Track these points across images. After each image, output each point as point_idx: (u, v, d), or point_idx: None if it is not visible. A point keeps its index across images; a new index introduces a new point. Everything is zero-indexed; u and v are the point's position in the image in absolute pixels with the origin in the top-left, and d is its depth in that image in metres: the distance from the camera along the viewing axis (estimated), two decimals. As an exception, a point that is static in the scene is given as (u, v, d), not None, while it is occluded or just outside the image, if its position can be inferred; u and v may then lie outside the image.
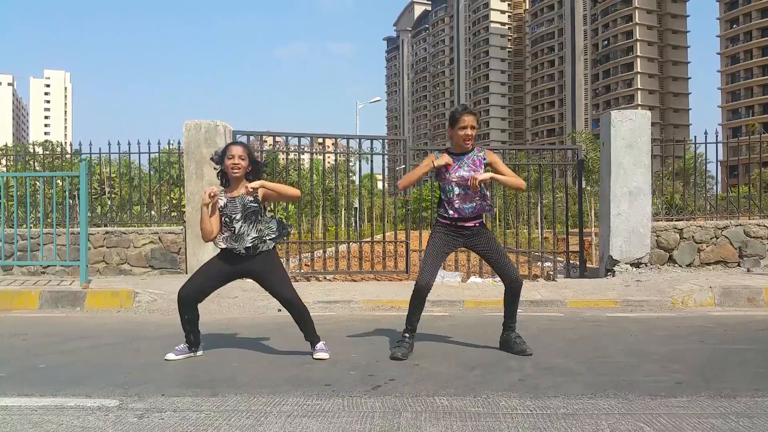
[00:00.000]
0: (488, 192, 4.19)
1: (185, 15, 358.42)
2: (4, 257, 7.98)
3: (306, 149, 8.84)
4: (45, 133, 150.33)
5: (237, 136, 8.45)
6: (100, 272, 8.41)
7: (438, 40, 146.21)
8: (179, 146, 8.67)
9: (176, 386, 3.33)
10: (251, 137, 8.94)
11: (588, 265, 9.01)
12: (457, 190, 4.04)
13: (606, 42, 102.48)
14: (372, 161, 9.77)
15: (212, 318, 5.56)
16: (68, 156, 9.48)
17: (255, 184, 3.93)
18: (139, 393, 3.19)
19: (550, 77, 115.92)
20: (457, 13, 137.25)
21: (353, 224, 16.44)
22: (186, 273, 8.27)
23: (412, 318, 4.14)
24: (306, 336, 4.13)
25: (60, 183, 9.65)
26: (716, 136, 8.68)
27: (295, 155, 9.09)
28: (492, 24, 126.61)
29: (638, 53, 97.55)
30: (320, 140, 9.63)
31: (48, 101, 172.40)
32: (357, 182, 14.04)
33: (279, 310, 6.07)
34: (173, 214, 9.13)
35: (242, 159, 3.96)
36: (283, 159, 9.25)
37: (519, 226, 9.49)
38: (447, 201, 4.08)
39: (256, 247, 3.96)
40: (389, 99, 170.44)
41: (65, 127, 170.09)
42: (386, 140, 9.01)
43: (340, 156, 9.08)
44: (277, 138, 8.41)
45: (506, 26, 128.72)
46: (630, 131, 8.00)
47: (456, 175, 4.04)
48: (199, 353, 4.15)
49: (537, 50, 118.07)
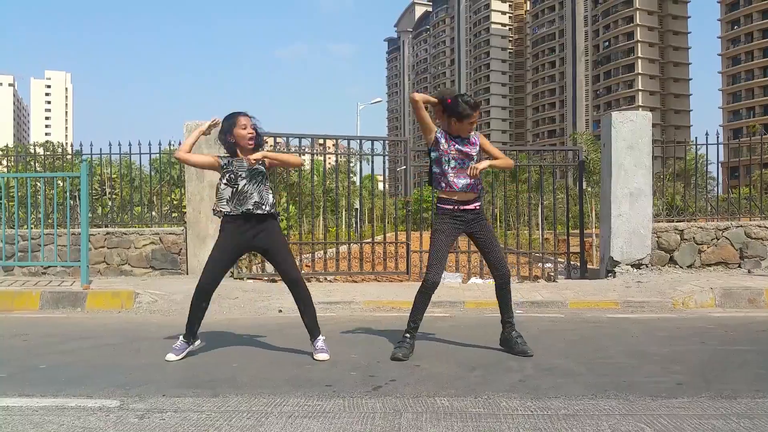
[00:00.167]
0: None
1: (185, 15, 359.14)
2: (5, 258, 7.99)
3: (306, 150, 8.84)
4: (46, 134, 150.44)
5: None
6: (101, 273, 8.42)
7: (439, 41, 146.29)
8: (180, 147, 8.67)
9: (177, 387, 3.33)
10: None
11: (589, 266, 9.00)
12: (453, 164, 4.09)
13: (607, 43, 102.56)
14: (373, 162, 9.76)
15: (213, 318, 5.56)
16: (69, 157, 9.48)
17: (257, 156, 3.93)
18: (140, 393, 3.19)
19: (551, 78, 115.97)
20: (458, 14, 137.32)
21: (354, 225, 16.46)
22: (187, 274, 8.29)
23: (416, 316, 4.15)
24: (306, 324, 4.10)
25: (61, 184, 9.66)
26: (717, 138, 8.69)
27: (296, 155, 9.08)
28: (493, 25, 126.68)
29: (639, 54, 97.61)
30: (321, 141, 9.62)
31: (49, 102, 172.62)
32: (358, 183, 14.04)
33: (279, 311, 6.08)
34: (174, 215, 9.13)
35: (253, 128, 4.00)
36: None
37: (520, 227, 9.48)
38: (441, 174, 4.12)
39: (258, 207, 3.94)
40: (390, 100, 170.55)
41: (66, 128, 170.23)
42: (387, 141, 9.01)
43: (341, 157, 9.08)
44: (278, 139, 8.41)
45: (507, 27, 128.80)
46: (631, 132, 8.00)
47: (455, 148, 4.09)
48: (197, 343, 4.14)
49: (538, 51, 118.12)
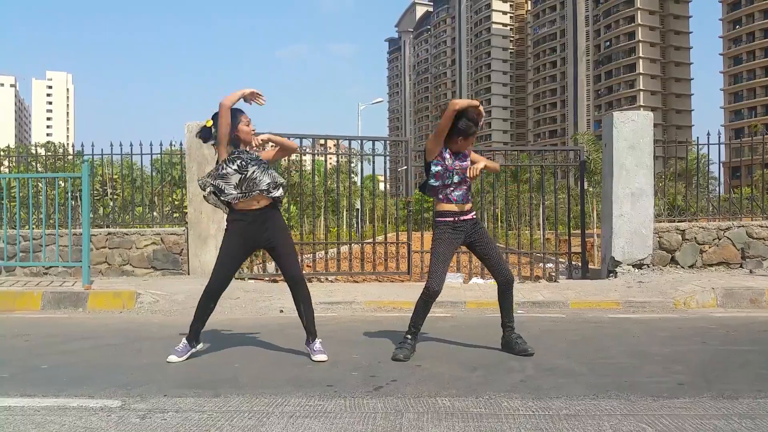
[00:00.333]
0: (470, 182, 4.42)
1: (186, 15, 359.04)
2: (7, 258, 8.01)
3: (308, 150, 8.84)
4: (47, 135, 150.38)
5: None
6: (103, 273, 8.43)
7: (440, 41, 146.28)
8: (181, 147, 8.69)
9: (178, 387, 3.33)
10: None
11: (590, 267, 9.00)
12: (456, 179, 4.16)
13: (608, 43, 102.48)
14: (374, 162, 9.78)
15: (214, 318, 5.53)
16: (70, 157, 9.49)
17: (264, 137, 4.07)
18: (142, 393, 3.19)
19: (552, 78, 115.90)
20: (459, 14, 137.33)
21: (355, 225, 16.45)
22: (188, 274, 8.29)
23: (417, 321, 4.16)
24: (305, 326, 4.09)
25: (62, 184, 9.67)
26: (719, 137, 8.68)
27: (297, 156, 9.09)
28: (494, 25, 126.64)
29: (640, 54, 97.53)
30: (322, 141, 9.63)
31: (50, 102, 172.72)
32: (359, 183, 14.05)
33: (281, 311, 6.09)
34: (175, 215, 9.14)
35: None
36: (285, 160, 9.26)
37: (521, 227, 9.48)
38: (442, 186, 4.17)
39: (273, 188, 3.98)
40: (391, 100, 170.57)
41: (67, 129, 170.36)
42: (388, 141, 9.01)
43: (342, 157, 9.09)
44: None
45: (508, 27, 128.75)
46: (632, 132, 7.99)
47: (458, 165, 4.16)
48: (200, 346, 4.14)
49: (539, 51, 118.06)
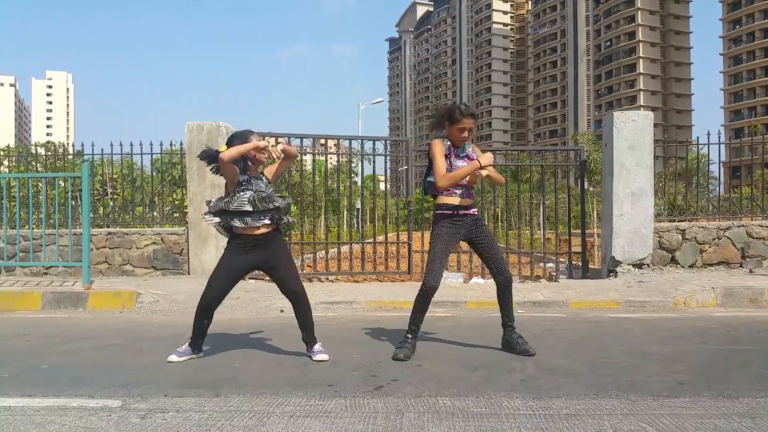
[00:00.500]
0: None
1: (186, 16, 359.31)
2: (7, 258, 8.01)
3: (308, 150, 8.84)
4: (47, 134, 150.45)
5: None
6: (103, 273, 8.43)
7: (440, 41, 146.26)
8: (181, 147, 8.69)
9: (179, 387, 3.33)
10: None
11: (590, 266, 9.00)
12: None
13: (608, 43, 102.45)
14: (374, 162, 9.77)
15: (214, 318, 5.54)
16: (70, 157, 9.49)
17: (280, 148, 4.12)
18: (142, 393, 3.19)
19: (553, 78, 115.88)
20: (460, 14, 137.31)
21: (355, 225, 16.44)
22: (188, 274, 8.30)
23: (416, 319, 4.15)
24: (304, 335, 4.11)
25: (62, 184, 9.67)
26: (719, 137, 8.67)
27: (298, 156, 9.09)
28: (494, 25, 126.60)
29: (641, 54, 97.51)
30: (322, 141, 9.63)
31: (50, 102, 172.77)
32: (359, 183, 14.05)
33: (281, 311, 6.08)
34: (175, 215, 9.14)
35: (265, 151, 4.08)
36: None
37: (521, 227, 9.47)
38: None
39: (280, 219, 4.02)
40: (391, 100, 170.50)
41: (67, 128, 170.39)
42: (388, 141, 9.01)
43: (342, 157, 9.09)
44: (279, 139, 8.41)
45: (508, 27, 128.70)
46: (633, 132, 7.99)
47: (458, 165, 4.14)
48: (201, 354, 4.15)
49: (539, 51, 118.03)
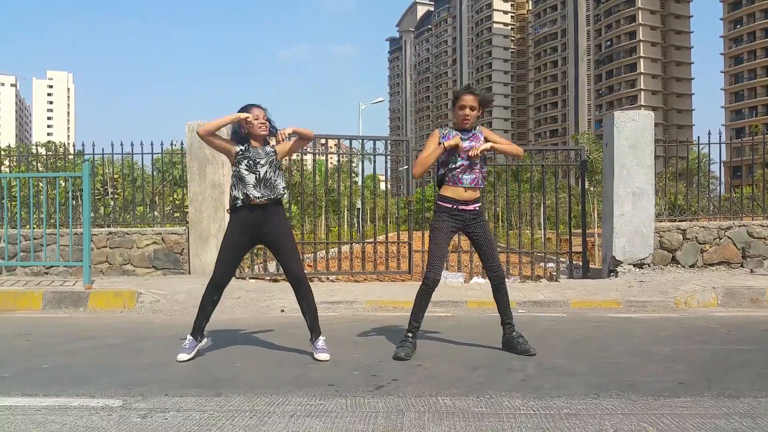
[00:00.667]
0: (485, 167, 4.27)
1: (187, 17, 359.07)
2: (8, 258, 8.01)
3: (308, 150, 8.84)
4: (48, 134, 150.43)
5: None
6: (103, 273, 8.43)
7: (441, 41, 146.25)
8: (182, 147, 8.69)
9: (179, 386, 3.33)
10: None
11: (591, 266, 9.00)
12: (460, 162, 4.09)
13: (609, 43, 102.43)
14: (375, 162, 9.77)
15: (215, 318, 5.53)
16: (71, 157, 9.49)
17: (288, 130, 4.06)
18: (143, 393, 3.19)
19: (553, 78, 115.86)
20: (460, 14, 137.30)
21: (356, 225, 16.45)
22: (189, 274, 8.30)
23: (417, 316, 4.15)
24: (308, 322, 4.10)
25: (63, 184, 9.67)
26: (719, 137, 8.66)
27: (298, 156, 9.09)
28: (495, 24, 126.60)
29: (641, 54, 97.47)
30: (323, 141, 9.63)
31: (51, 102, 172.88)
32: (360, 183, 14.04)
33: (282, 311, 6.09)
34: (176, 215, 9.14)
35: (264, 119, 4.09)
36: (286, 159, 9.26)
37: (522, 227, 9.47)
38: (448, 171, 4.11)
39: (284, 190, 4.08)
40: (392, 100, 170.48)
41: (68, 128, 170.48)
42: (389, 141, 9.01)
43: (343, 156, 9.09)
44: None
45: (509, 27, 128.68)
46: (633, 132, 7.99)
47: (465, 146, 4.09)
48: (205, 341, 4.15)
49: (540, 51, 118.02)
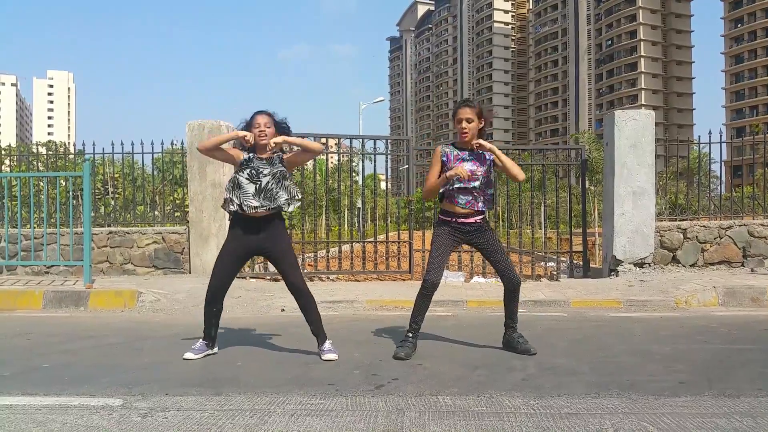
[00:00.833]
0: (491, 190, 4.18)
1: (188, 17, 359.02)
2: (8, 257, 8.01)
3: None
4: (48, 134, 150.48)
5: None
6: (104, 272, 8.44)
7: (441, 40, 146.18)
8: (182, 146, 8.69)
9: (180, 385, 3.33)
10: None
11: (591, 265, 8.99)
12: (459, 185, 4.05)
13: (610, 42, 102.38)
14: (375, 161, 9.77)
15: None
16: (71, 156, 9.50)
17: (278, 139, 3.97)
18: (143, 392, 3.19)
19: (554, 77, 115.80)
20: (461, 13, 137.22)
21: (356, 224, 16.44)
22: (189, 273, 8.30)
23: (417, 317, 4.15)
24: (312, 328, 4.10)
25: (63, 183, 9.68)
26: (720, 136, 8.65)
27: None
28: (495, 24, 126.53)
29: (642, 53, 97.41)
30: (323, 140, 9.62)
31: (51, 102, 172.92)
32: (360, 182, 14.04)
33: (282, 310, 6.09)
34: (176, 214, 9.14)
35: (267, 127, 4.02)
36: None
37: (522, 226, 9.47)
38: (447, 189, 4.10)
39: (289, 204, 4.00)
40: (392, 99, 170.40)
41: (69, 128, 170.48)
42: (389, 140, 9.00)
43: (343, 156, 9.08)
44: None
45: (510, 26, 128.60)
46: (634, 131, 7.98)
47: (460, 168, 4.04)
48: (216, 350, 4.15)
49: (540, 50, 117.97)
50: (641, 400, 3.00)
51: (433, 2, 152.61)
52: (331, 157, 9.51)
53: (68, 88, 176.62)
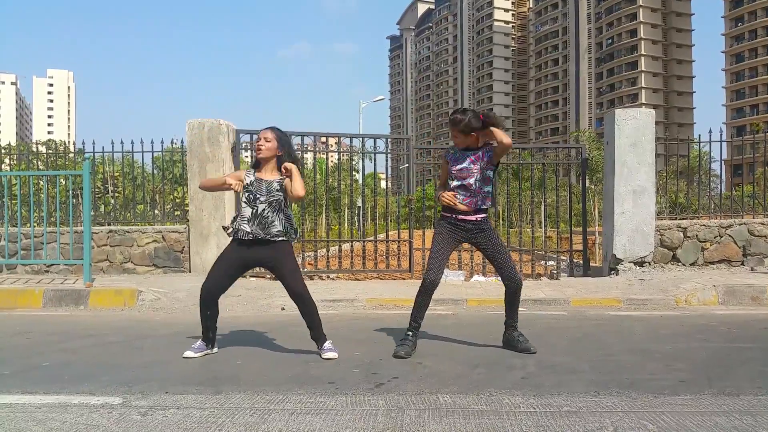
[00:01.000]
0: (488, 187, 4.18)
1: (188, 15, 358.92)
2: (8, 256, 8.01)
3: (309, 148, 8.84)
4: (48, 132, 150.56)
5: (240, 135, 8.47)
6: (104, 271, 8.44)
7: (441, 39, 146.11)
8: (182, 145, 8.69)
9: (180, 384, 3.33)
10: (254, 136, 8.94)
11: (591, 264, 9.00)
12: (456, 183, 4.11)
13: (610, 40, 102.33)
14: (375, 160, 9.77)
15: (215, 316, 5.56)
16: (71, 155, 9.49)
17: (289, 165, 3.94)
18: (143, 391, 3.19)
19: (554, 76, 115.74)
20: (461, 12, 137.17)
21: (356, 223, 16.45)
22: (189, 272, 8.30)
23: (417, 315, 4.15)
24: (312, 333, 4.10)
25: (63, 182, 9.67)
26: (720, 135, 8.65)
27: (299, 154, 9.10)
28: (496, 22, 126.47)
29: (642, 52, 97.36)
30: (323, 139, 9.64)
31: (51, 100, 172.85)
32: (360, 181, 14.04)
33: (282, 309, 6.09)
34: (176, 213, 9.14)
35: (267, 140, 4.00)
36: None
37: (523, 225, 9.47)
38: (447, 189, 4.17)
39: (279, 235, 3.96)
40: (392, 98, 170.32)
41: (68, 126, 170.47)
42: (389, 139, 9.00)
43: (343, 155, 9.09)
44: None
45: (510, 25, 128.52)
46: (634, 130, 7.98)
47: (455, 169, 4.13)
48: (215, 351, 4.15)
49: (541, 49, 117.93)
50: (641, 399, 3.00)
51: (434, 1, 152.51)
52: (332, 156, 9.51)
53: (68, 87, 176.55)
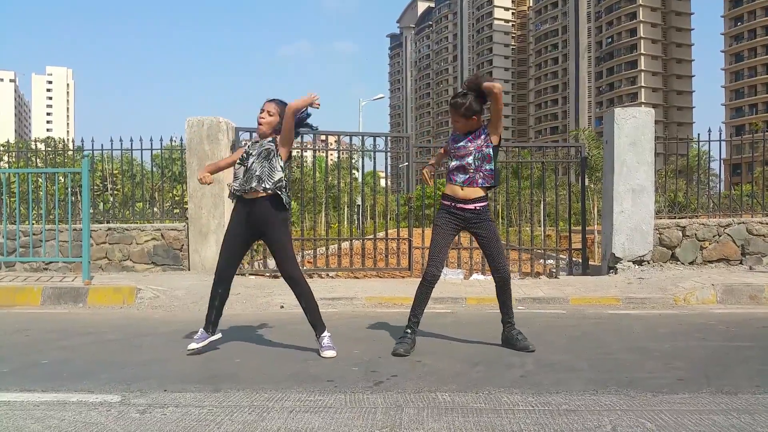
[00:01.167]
0: (490, 165, 4.14)
1: (188, 14, 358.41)
2: (7, 253, 8.01)
3: (309, 146, 8.83)
4: (47, 130, 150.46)
5: (240, 133, 8.46)
6: (103, 269, 8.43)
7: (441, 37, 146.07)
8: (181, 143, 8.68)
9: (178, 382, 3.33)
10: (253, 134, 8.94)
11: (590, 263, 8.99)
12: (455, 163, 4.14)
13: (610, 40, 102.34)
14: (375, 158, 9.77)
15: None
16: (70, 152, 9.49)
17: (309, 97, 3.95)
18: (142, 389, 3.19)
19: (554, 75, 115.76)
20: (461, 10, 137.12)
21: (356, 221, 16.45)
22: (188, 270, 8.29)
23: (417, 311, 4.16)
24: (309, 319, 4.08)
25: (62, 179, 9.66)
26: (719, 134, 8.65)
27: (298, 153, 9.09)
28: (495, 21, 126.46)
29: (642, 51, 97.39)
30: (323, 137, 9.63)
31: (50, 98, 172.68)
32: (360, 179, 14.04)
33: (281, 307, 6.09)
34: (175, 211, 9.14)
35: (270, 114, 4.02)
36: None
37: (522, 224, 9.47)
38: (448, 170, 4.22)
39: (260, 182, 3.92)
40: (392, 96, 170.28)
41: (67, 124, 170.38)
42: (389, 137, 9.00)
43: (343, 153, 9.08)
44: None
45: (510, 23, 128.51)
46: (633, 129, 7.98)
47: (453, 147, 4.18)
48: (218, 335, 4.15)
49: (540, 47, 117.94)
50: (639, 397, 3.00)
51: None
52: (331, 154, 9.50)
53: (67, 85, 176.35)
